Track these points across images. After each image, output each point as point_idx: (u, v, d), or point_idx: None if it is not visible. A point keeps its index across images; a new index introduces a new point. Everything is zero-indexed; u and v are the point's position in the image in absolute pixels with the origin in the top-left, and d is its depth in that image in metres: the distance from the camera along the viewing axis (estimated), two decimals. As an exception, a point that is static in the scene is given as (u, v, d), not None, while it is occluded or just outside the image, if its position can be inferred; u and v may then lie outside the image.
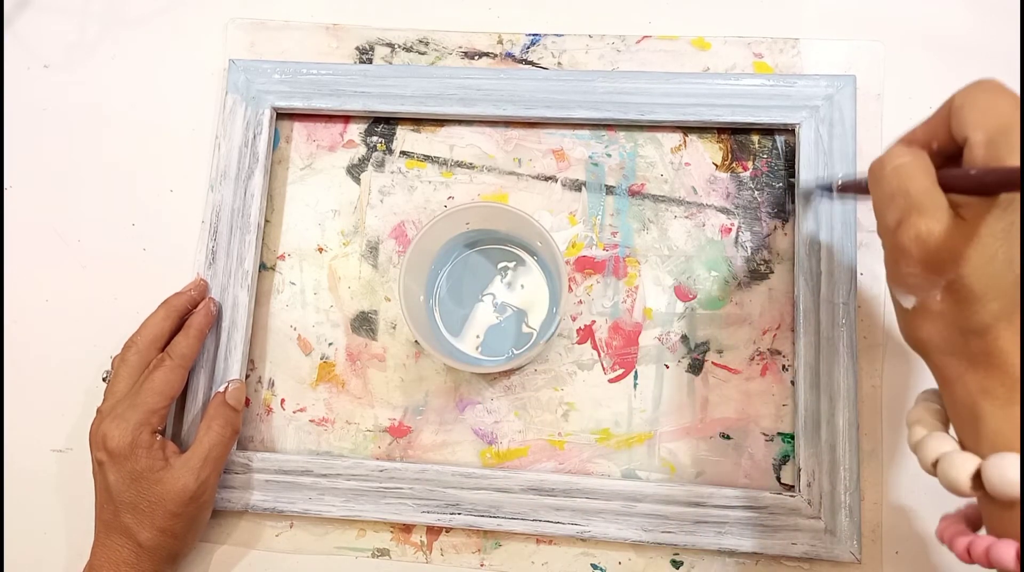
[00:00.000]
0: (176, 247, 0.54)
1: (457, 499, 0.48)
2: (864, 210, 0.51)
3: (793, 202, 0.51)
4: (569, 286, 0.51)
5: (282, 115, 0.55)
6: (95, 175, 0.55)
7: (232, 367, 0.50)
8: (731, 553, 0.47)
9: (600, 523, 0.47)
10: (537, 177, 0.53)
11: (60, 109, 0.57)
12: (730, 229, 0.52)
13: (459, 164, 0.54)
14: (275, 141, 0.54)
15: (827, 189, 0.48)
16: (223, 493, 0.49)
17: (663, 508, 0.47)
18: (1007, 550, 0.29)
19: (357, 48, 0.56)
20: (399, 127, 0.55)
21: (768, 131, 0.52)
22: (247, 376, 0.51)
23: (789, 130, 0.52)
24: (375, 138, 0.54)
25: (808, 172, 0.50)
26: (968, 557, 0.31)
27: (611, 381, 0.50)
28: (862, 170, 0.51)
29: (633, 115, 0.52)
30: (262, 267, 0.53)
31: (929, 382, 0.49)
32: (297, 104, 0.53)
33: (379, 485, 0.48)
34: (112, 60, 0.57)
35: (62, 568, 0.51)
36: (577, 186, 0.53)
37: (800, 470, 0.47)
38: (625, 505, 0.47)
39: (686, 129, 0.53)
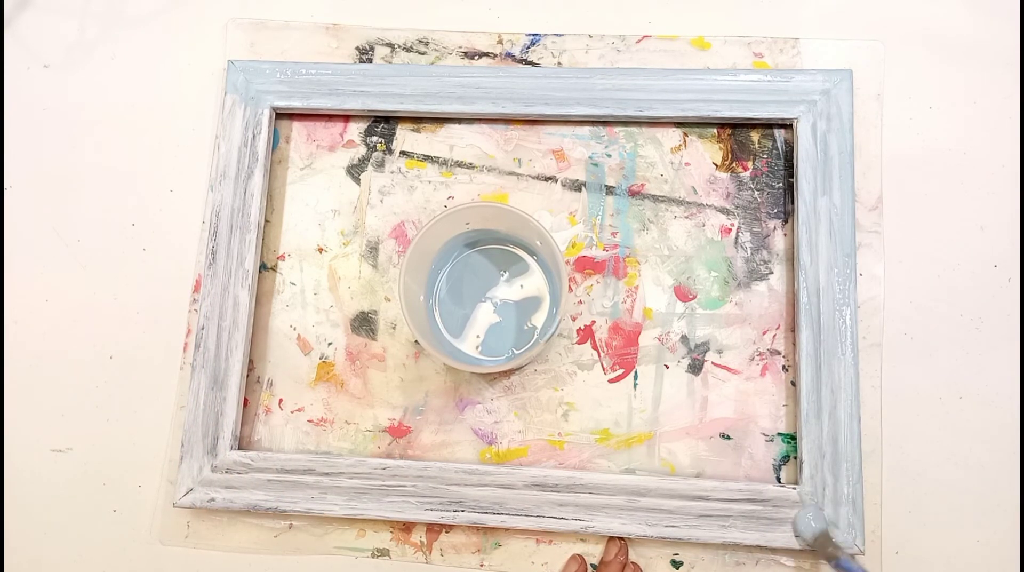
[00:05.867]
0: (176, 247, 0.54)
1: (460, 496, 0.48)
2: (863, 211, 0.51)
3: (792, 202, 0.51)
4: (569, 286, 0.51)
5: (282, 115, 0.55)
6: (95, 175, 0.55)
7: (232, 367, 0.50)
8: (735, 546, 0.47)
9: (604, 518, 0.47)
10: (537, 177, 0.53)
11: (60, 109, 0.57)
12: (730, 229, 0.52)
13: (459, 164, 0.54)
14: (275, 141, 0.54)
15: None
16: (224, 493, 0.49)
17: (666, 502, 0.47)
18: None
19: (357, 48, 0.56)
20: (399, 127, 0.55)
21: (767, 127, 0.52)
22: (246, 376, 0.51)
23: (787, 125, 0.52)
24: (375, 138, 0.54)
25: (807, 165, 0.50)
26: None
27: (611, 381, 0.50)
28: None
29: (632, 111, 0.52)
30: (262, 267, 0.53)
31: (927, 382, 0.49)
32: (296, 104, 0.53)
33: (382, 484, 0.48)
34: (112, 60, 0.57)
35: (62, 568, 0.51)
36: (577, 186, 0.53)
37: (803, 463, 0.47)
38: (628, 500, 0.47)
39: (685, 127, 0.53)
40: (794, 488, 0.47)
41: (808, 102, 0.51)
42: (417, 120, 0.54)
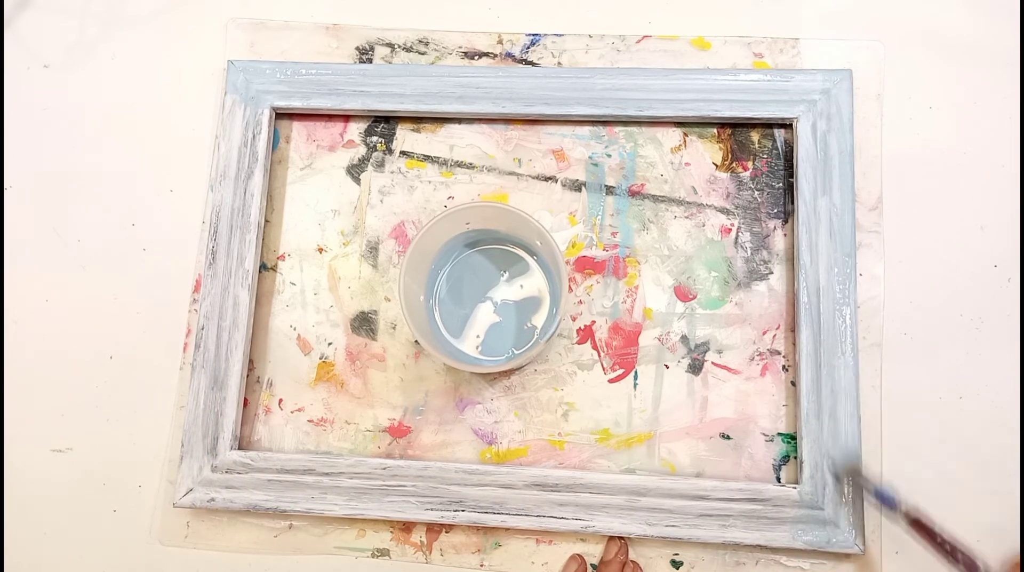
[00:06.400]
0: (176, 247, 0.54)
1: (460, 496, 0.48)
2: (863, 211, 0.51)
3: (792, 202, 0.51)
4: (569, 286, 0.51)
5: (282, 115, 0.55)
6: (95, 175, 0.55)
7: (232, 367, 0.50)
8: (735, 546, 0.47)
9: (604, 518, 0.47)
10: (537, 177, 0.53)
11: (60, 109, 0.57)
12: (730, 229, 0.52)
13: (459, 164, 0.54)
14: (275, 141, 0.54)
15: (889, 504, 0.44)
16: (224, 493, 0.49)
17: (666, 502, 0.47)
18: None
19: (357, 48, 0.56)
20: (399, 127, 0.55)
21: (767, 127, 0.53)
22: (246, 376, 0.51)
23: (787, 125, 0.52)
24: (375, 138, 0.54)
25: (807, 164, 0.50)
26: None
27: (611, 381, 0.50)
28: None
29: (632, 111, 0.52)
30: (262, 267, 0.53)
31: (927, 382, 0.49)
32: (296, 104, 0.53)
33: (382, 484, 0.48)
34: (112, 60, 0.57)
35: (62, 568, 0.51)
36: (577, 186, 0.53)
37: (803, 463, 0.47)
38: (628, 500, 0.47)
39: (685, 127, 0.53)
40: (794, 488, 0.47)
41: (808, 102, 0.51)
42: (417, 120, 0.54)
